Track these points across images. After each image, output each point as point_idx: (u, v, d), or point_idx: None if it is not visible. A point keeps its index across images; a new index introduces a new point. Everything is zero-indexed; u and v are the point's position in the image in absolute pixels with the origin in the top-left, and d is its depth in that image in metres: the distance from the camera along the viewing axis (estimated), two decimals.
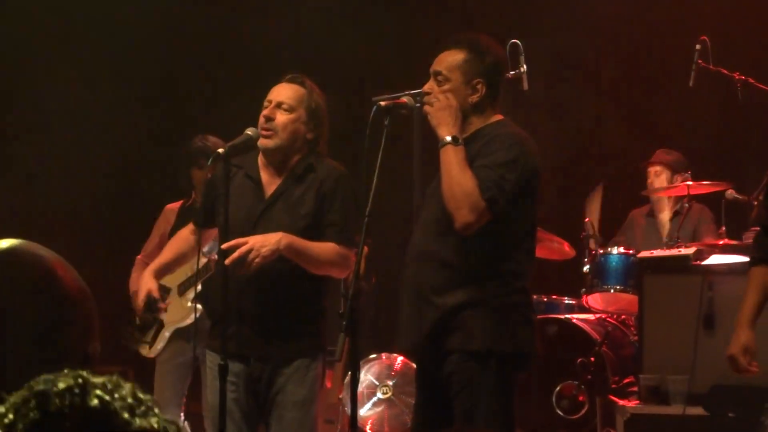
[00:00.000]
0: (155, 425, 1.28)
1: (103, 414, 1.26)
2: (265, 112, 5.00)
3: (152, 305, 5.23)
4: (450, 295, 4.54)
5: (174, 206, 6.93)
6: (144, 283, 5.29)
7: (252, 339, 4.91)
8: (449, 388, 4.59)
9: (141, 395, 1.30)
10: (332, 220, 4.99)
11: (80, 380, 1.29)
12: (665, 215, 8.08)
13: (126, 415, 1.27)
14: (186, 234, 5.44)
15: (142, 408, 1.29)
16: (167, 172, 7.98)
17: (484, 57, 4.68)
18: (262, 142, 4.99)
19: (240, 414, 4.94)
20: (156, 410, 1.30)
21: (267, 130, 4.97)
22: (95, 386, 1.29)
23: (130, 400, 1.29)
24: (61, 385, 1.28)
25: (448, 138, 4.51)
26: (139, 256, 6.98)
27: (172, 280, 6.58)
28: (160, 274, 5.39)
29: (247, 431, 4.97)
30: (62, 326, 1.79)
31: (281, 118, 4.98)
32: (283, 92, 5.04)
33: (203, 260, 5.65)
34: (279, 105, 5.00)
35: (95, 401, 1.27)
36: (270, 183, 5.04)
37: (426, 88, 4.68)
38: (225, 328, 4.77)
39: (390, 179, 4.87)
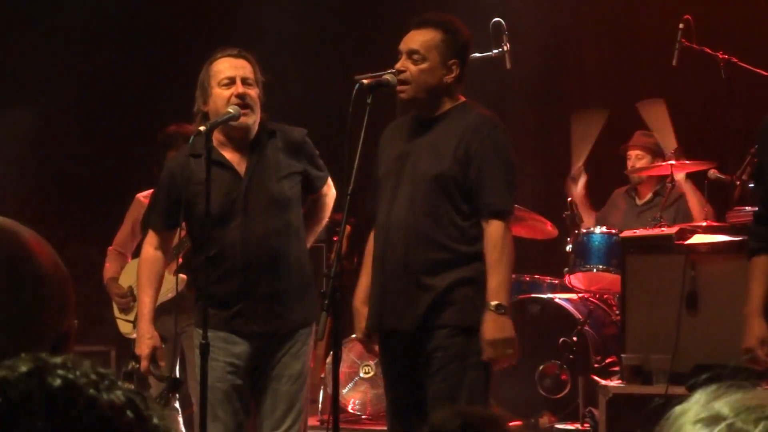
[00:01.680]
0: (122, 398, 1.27)
1: (68, 392, 1.24)
2: (239, 90, 4.90)
3: (156, 360, 4.93)
4: (442, 276, 4.62)
5: (145, 194, 6.87)
6: (145, 337, 4.90)
7: (262, 314, 4.92)
8: (429, 364, 4.62)
9: (102, 370, 1.28)
10: (319, 174, 5.15)
11: (40, 362, 1.27)
12: (646, 196, 8.07)
13: (92, 391, 1.25)
14: (152, 254, 5.06)
15: (106, 382, 1.27)
16: (139, 158, 7.91)
17: (458, 38, 4.76)
18: (244, 120, 4.93)
19: (237, 397, 4.92)
20: (119, 383, 1.28)
21: (246, 107, 4.92)
22: (56, 366, 1.27)
23: (93, 376, 1.27)
24: (22, 369, 1.26)
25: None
26: (111, 247, 6.95)
27: None
28: (153, 318, 5.01)
29: (243, 414, 4.96)
30: (37, 304, 1.76)
31: (251, 93, 4.93)
32: (241, 68, 4.97)
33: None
34: (244, 81, 4.94)
35: (58, 381, 1.25)
36: (238, 161, 4.98)
37: (399, 66, 4.72)
38: (206, 309, 4.74)
39: (372, 158, 4.86)
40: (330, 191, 5.22)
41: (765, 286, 4.52)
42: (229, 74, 4.93)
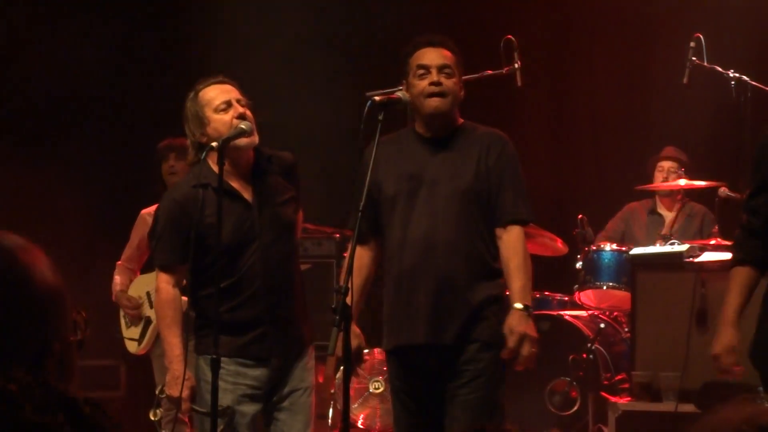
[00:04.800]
0: None
1: None
2: (240, 110, 4.89)
3: (195, 397, 4.87)
4: (476, 291, 4.73)
5: (149, 210, 6.88)
6: (182, 379, 4.79)
7: (281, 338, 4.93)
8: (459, 376, 4.70)
9: None
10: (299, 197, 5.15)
11: None
12: (669, 213, 8.04)
13: None
14: (171, 293, 4.95)
15: None
16: (143, 173, 7.94)
17: (462, 60, 4.94)
18: (252, 140, 4.94)
19: (251, 423, 4.93)
20: None
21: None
22: None
23: None
24: None
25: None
26: (119, 262, 6.98)
27: (150, 281, 6.61)
28: (185, 358, 4.91)
29: None
30: (37, 325, 1.77)
31: (249, 113, 4.95)
32: (232, 92, 4.96)
33: None
34: (239, 102, 4.95)
35: None
36: (242, 188, 4.96)
37: (435, 78, 4.79)
38: (218, 325, 4.71)
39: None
40: (301, 214, 5.26)
41: (742, 298, 4.49)
42: (224, 99, 4.91)
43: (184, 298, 5.82)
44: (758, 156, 4.57)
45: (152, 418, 5.11)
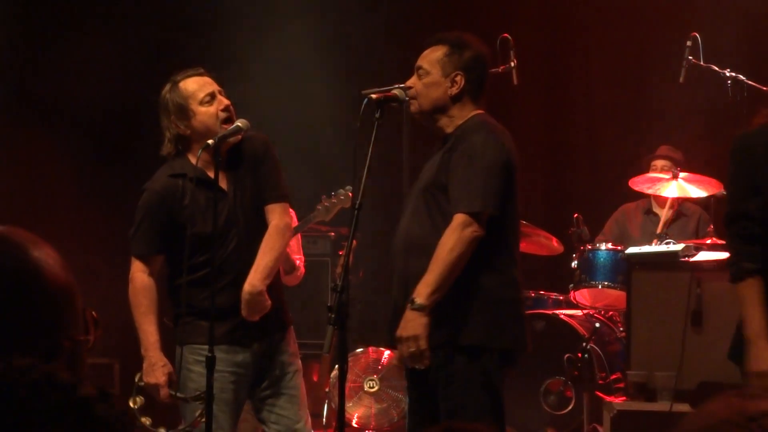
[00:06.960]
0: None
1: None
2: (226, 102, 4.97)
3: (173, 383, 4.92)
4: None
5: None
6: (158, 365, 4.90)
7: (262, 321, 4.93)
8: (436, 384, 4.59)
9: None
10: (267, 182, 5.03)
11: None
12: (665, 212, 8.04)
13: None
14: (146, 281, 5.01)
15: None
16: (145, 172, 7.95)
17: (464, 51, 4.77)
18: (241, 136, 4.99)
19: (237, 407, 4.95)
20: None
21: (232, 119, 4.97)
22: None
23: None
24: None
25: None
26: None
27: None
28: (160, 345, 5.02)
29: (237, 422, 5.00)
30: (47, 321, 1.76)
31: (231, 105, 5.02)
32: (213, 84, 5.01)
33: None
34: (221, 94, 5.00)
35: None
36: (219, 178, 4.95)
37: (408, 83, 4.78)
38: (212, 320, 4.73)
39: (379, 172, 4.88)
40: (276, 231, 5.03)
41: (763, 307, 4.19)
42: (208, 91, 4.96)
43: None
44: (752, 160, 4.43)
45: (132, 405, 5.09)
